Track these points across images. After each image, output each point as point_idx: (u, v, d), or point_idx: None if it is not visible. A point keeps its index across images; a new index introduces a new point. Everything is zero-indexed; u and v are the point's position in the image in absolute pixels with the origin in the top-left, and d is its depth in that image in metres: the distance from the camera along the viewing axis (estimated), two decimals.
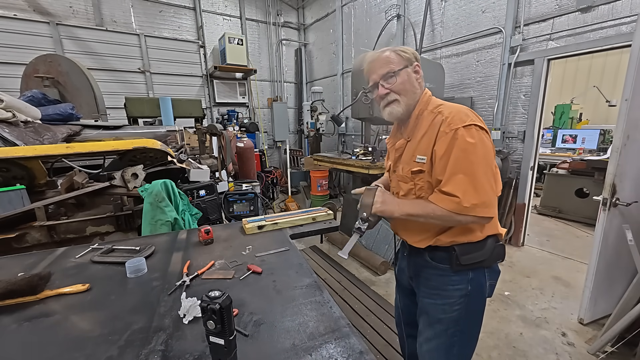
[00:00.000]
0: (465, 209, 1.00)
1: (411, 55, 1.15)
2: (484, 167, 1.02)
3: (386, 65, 1.13)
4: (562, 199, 4.91)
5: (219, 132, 3.22)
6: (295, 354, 0.82)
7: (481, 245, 1.13)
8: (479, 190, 1.00)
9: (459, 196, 1.00)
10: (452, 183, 1.01)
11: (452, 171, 1.02)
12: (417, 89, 1.15)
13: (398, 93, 1.13)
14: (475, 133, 1.01)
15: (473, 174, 1.00)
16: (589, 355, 2.11)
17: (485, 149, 1.02)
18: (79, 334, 0.91)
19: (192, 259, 1.37)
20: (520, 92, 3.71)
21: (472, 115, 1.05)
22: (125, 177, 2.00)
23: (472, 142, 1.00)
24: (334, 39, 6.51)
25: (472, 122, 1.02)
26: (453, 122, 1.03)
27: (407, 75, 1.13)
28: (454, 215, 1.02)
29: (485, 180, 1.01)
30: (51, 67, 3.47)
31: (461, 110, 1.07)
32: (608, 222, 2.16)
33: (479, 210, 1.01)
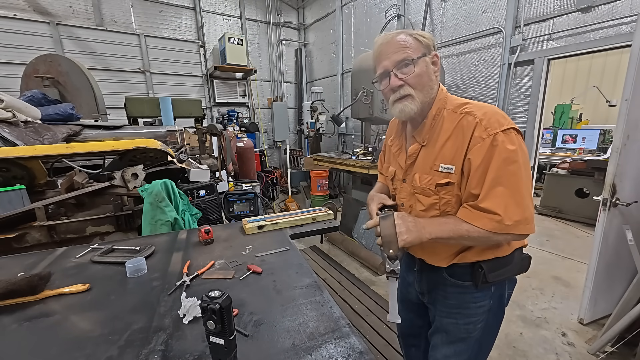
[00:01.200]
0: (507, 228, 0.86)
1: (430, 41, 0.96)
2: (526, 179, 0.88)
3: (402, 51, 0.92)
4: (562, 199, 4.91)
5: (219, 132, 3.22)
6: (295, 354, 0.82)
7: (509, 260, 1.03)
8: (521, 205, 0.87)
9: (500, 214, 0.86)
10: (492, 198, 0.87)
11: (491, 184, 0.87)
12: (435, 84, 0.98)
13: (413, 87, 0.94)
14: (515, 138, 0.87)
15: (515, 187, 0.86)
16: (589, 355, 2.11)
17: (525, 157, 0.89)
18: (79, 334, 0.91)
19: (192, 259, 1.37)
20: (520, 92, 3.71)
21: (508, 118, 0.91)
22: (125, 177, 2.00)
23: (513, 149, 0.85)
24: (334, 39, 6.51)
25: (511, 126, 0.88)
26: (490, 126, 0.87)
27: (425, 65, 0.94)
28: (492, 235, 0.89)
29: (527, 193, 0.88)
30: (51, 67, 3.47)
31: (496, 111, 0.92)
32: (608, 222, 2.16)
33: (521, 227, 0.87)
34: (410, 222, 0.94)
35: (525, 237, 0.94)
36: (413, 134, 1.05)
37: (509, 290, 1.12)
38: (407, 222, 0.94)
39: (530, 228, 0.88)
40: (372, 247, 3.54)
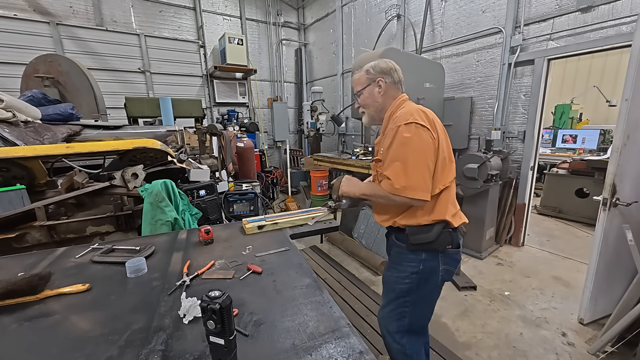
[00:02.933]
0: (397, 190, 1.22)
1: (376, 73, 1.40)
2: (416, 157, 1.22)
3: (356, 86, 1.46)
4: (562, 199, 4.91)
5: (219, 132, 3.22)
6: (295, 354, 0.82)
7: (428, 229, 1.30)
8: (409, 175, 1.21)
9: (391, 179, 1.23)
10: (390, 168, 1.25)
11: (391, 159, 1.25)
12: (379, 101, 1.42)
13: (364, 106, 1.46)
14: (414, 129, 1.22)
15: (405, 162, 1.21)
16: (589, 355, 2.11)
17: (421, 142, 1.22)
18: (79, 334, 0.91)
19: (192, 259, 1.37)
20: (520, 92, 3.71)
21: (417, 115, 1.25)
22: (125, 177, 2.00)
23: (408, 136, 1.21)
24: (334, 38, 6.51)
25: (413, 120, 1.22)
26: (397, 120, 1.27)
27: (368, 92, 1.42)
28: (390, 195, 1.25)
29: (415, 168, 1.21)
30: (51, 67, 3.47)
31: (410, 111, 1.27)
32: (608, 222, 2.16)
33: (408, 192, 1.21)
34: (350, 182, 1.46)
35: (418, 202, 1.25)
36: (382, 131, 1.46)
37: (446, 266, 1.37)
38: (349, 182, 1.46)
39: (416, 194, 1.21)
40: (372, 247, 3.54)
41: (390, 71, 1.40)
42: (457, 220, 1.34)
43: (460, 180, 3.50)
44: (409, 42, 4.93)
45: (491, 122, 3.98)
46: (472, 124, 4.25)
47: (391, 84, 1.41)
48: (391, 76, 1.41)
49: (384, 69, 1.40)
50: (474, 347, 2.24)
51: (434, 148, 1.25)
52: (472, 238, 3.62)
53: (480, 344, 2.26)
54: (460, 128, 4.21)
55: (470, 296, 2.85)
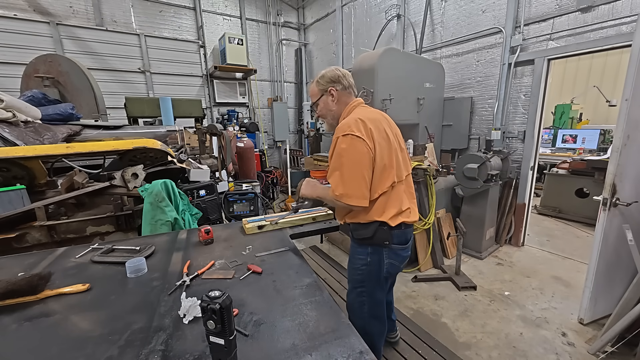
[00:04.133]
0: (337, 197, 1.35)
1: (326, 83, 1.49)
2: (351, 168, 1.32)
3: (311, 98, 1.58)
4: (562, 199, 4.91)
5: (219, 132, 3.22)
6: (296, 354, 0.82)
7: (366, 226, 1.45)
8: (346, 184, 1.32)
9: (332, 187, 1.36)
10: (331, 177, 1.38)
11: (331, 168, 1.39)
12: (333, 109, 1.52)
13: (322, 116, 1.58)
14: (350, 140, 1.31)
15: (342, 172, 1.33)
16: (589, 355, 2.11)
17: (355, 153, 1.31)
18: (79, 334, 0.91)
19: (192, 259, 1.37)
20: (520, 92, 3.71)
21: (354, 127, 1.33)
22: (125, 177, 2.00)
23: (344, 147, 1.32)
24: (334, 38, 6.51)
25: (350, 132, 1.32)
26: (337, 132, 1.37)
27: (323, 102, 1.53)
28: (335, 200, 1.38)
29: (351, 178, 1.32)
30: (51, 67, 3.46)
31: (349, 122, 1.36)
32: (608, 222, 2.16)
33: (345, 199, 1.33)
34: (308, 185, 1.59)
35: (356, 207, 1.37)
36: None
37: (391, 260, 1.50)
38: (308, 184, 1.59)
39: (351, 201, 1.33)
40: None
41: (339, 78, 1.48)
42: (396, 220, 1.42)
43: (460, 180, 3.50)
44: (409, 42, 4.93)
45: (491, 122, 3.98)
46: (472, 124, 4.25)
47: (342, 90, 1.49)
48: (341, 83, 1.48)
49: (332, 78, 1.48)
50: (474, 347, 2.24)
51: (369, 157, 1.33)
52: (472, 238, 3.62)
53: (480, 344, 2.26)
54: (460, 128, 4.21)
55: (470, 296, 2.85)
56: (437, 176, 3.48)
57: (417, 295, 2.89)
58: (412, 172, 2.93)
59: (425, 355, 2.10)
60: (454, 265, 3.18)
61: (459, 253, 3.12)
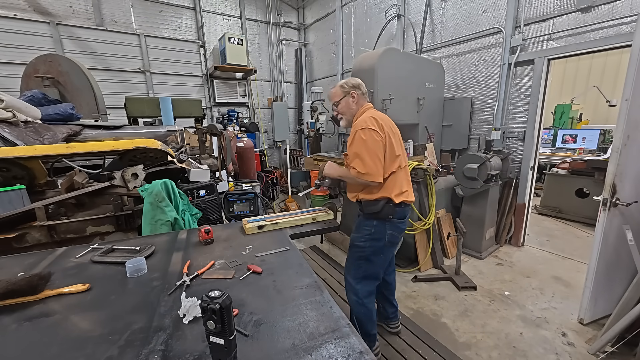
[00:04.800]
0: (360, 175, 1.70)
1: (350, 87, 1.87)
2: (370, 152, 1.69)
3: (333, 98, 1.92)
4: (562, 199, 4.91)
5: (219, 132, 3.22)
6: (295, 354, 0.82)
7: (375, 202, 1.79)
8: (366, 165, 1.69)
9: (356, 168, 1.71)
10: (353, 162, 1.73)
11: (353, 155, 1.74)
12: (353, 108, 1.89)
13: (342, 113, 1.92)
14: (368, 132, 1.69)
15: (363, 157, 1.69)
16: (589, 355, 2.11)
17: (372, 141, 1.69)
18: (79, 334, 0.91)
19: (192, 259, 1.37)
20: (520, 92, 3.71)
21: (369, 122, 1.72)
22: (125, 177, 2.00)
23: (364, 138, 1.69)
24: (334, 38, 6.51)
25: (367, 127, 1.70)
26: (356, 126, 1.75)
27: (345, 102, 1.89)
28: (356, 178, 1.73)
29: (370, 161, 1.69)
30: (51, 67, 3.46)
31: (366, 119, 1.75)
32: (608, 222, 2.16)
33: (366, 177, 1.70)
34: (331, 167, 1.95)
35: (374, 183, 1.73)
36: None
37: (391, 231, 1.85)
38: (330, 166, 1.95)
39: (371, 177, 1.69)
40: None
41: (360, 85, 1.89)
42: (399, 197, 1.80)
43: (460, 180, 3.50)
44: (409, 42, 4.94)
45: (491, 122, 3.98)
46: (472, 124, 4.25)
47: (360, 95, 1.89)
48: (360, 89, 1.89)
49: (354, 84, 1.88)
50: (474, 347, 2.24)
51: (382, 145, 1.73)
52: (472, 238, 3.62)
53: (480, 344, 2.26)
54: (460, 128, 4.21)
55: (470, 296, 2.85)
56: (437, 176, 3.48)
57: (417, 295, 2.89)
58: (412, 172, 3.01)
59: (425, 355, 2.10)
60: (454, 265, 3.18)
61: (459, 253, 3.12)
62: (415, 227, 3.27)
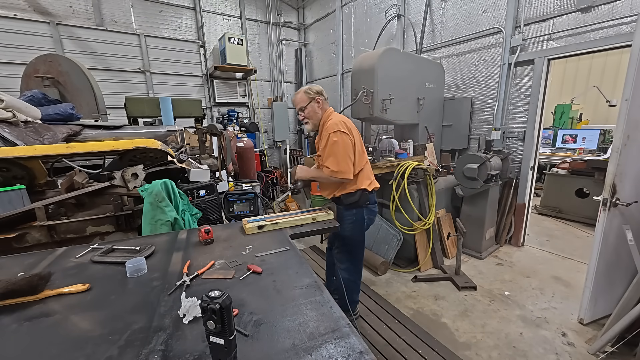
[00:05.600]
0: (334, 173, 1.92)
1: (314, 93, 2.02)
2: (342, 153, 1.91)
3: (299, 103, 2.05)
4: (562, 199, 4.91)
5: (219, 132, 3.22)
6: (295, 354, 0.82)
7: (353, 194, 2.05)
8: (339, 164, 1.91)
9: (329, 167, 1.93)
10: (327, 161, 1.94)
11: (327, 155, 1.95)
12: (319, 113, 2.05)
13: (308, 118, 2.05)
14: (339, 135, 1.90)
15: (336, 157, 1.91)
16: (589, 355, 2.11)
17: (343, 143, 1.91)
18: (79, 334, 0.91)
19: (192, 259, 1.37)
20: (520, 92, 3.71)
21: (340, 126, 1.93)
22: (125, 177, 1.99)
23: (336, 139, 1.90)
24: (334, 38, 6.51)
25: (338, 129, 1.91)
26: (328, 129, 1.94)
27: (311, 107, 2.03)
28: (330, 177, 1.96)
29: (342, 160, 1.91)
30: (51, 67, 3.46)
31: (336, 122, 1.95)
32: (608, 222, 2.16)
33: (340, 175, 1.92)
34: (302, 169, 2.15)
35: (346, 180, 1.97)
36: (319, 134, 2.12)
37: (369, 216, 2.16)
38: (301, 169, 2.16)
39: (343, 175, 1.93)
40: (372, 247, 3.54)
41: (322, 92, 2.05)
42: (371, 186, 2.09)
43: (460, 180, 3.50)
44: (409, 42, 4.94)
45: (491, 122, 3.98)
46: (472, 124, 4.25)
47: (324, 100, 2.06)
48: (323, 95, 2.05)
49: (318, 91, 2.04)
50: (474, 347, 2.24)
51: (352, 145, 1.96)
52: (472, 238, 3.62)
53: (480, 344, 2.26)
54: (460, 128, 4.21)
55: (470, 296, 2.85)
56: (437, 176, 3.48)
57: (417, 295, 2.89)
58: (412, 172, 3.00)
59: (425, 355, 2.10)
60: (454, 265, 3.18)
61: (459, 253, 3.12)
62: (415, 227, 3.27)
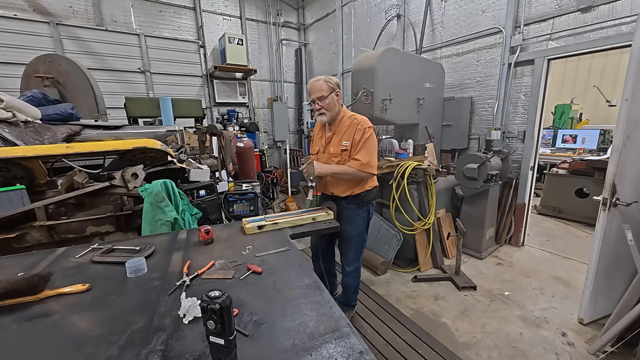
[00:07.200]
0: (363, 166, 1.95)
1: (334, 84, 1.98)
2: (373, 149, 2.00)
3: (320, 91, 1.96)
4: (562, 199, 4.91)
5: (219, 132, 3.22)
6: (295, 354, 0.82)
7: (370, 191, 2.13)
8: (370, 157, 1.97)
9: (360, 160, 1.95)
10: (360, 153, 1.96)
11: (359, 148, 1.97)
12: (337, 106, 2.03)
13: (326, 109, 1.99)
14: (372, 131, 1.99)
15: (367, 151, 1.96)
16: (589, 355, 2.11)
17: (374, 139, 2.00)
18: (79, 334, 0.91)
19: (192, 259, 1.37)
20: (520, 92, 3.71)
21: (369, 122, 2.01)
22: (125, 177, 1.99)
23: (369, 135, 1.97)
24: (334, 38, 6.51)
25: (370, 126, 1.99)
26: (362, 124, 1.98)
27: (331, 99, 1.98)
28: (358, 171, 1.97)
29: (372, 155, 1.99)
30: (51, 67, 3.46)
31: (365, 118, 2.02)
32: (608, 222, 2.16)
33: (368, 168, 1.96)
34: (321, 166, 2.04)
35: (372, 175, 2.05)
36: (330, 128, 2.12)
37: (372, 210, 2.26)
38: (319, 165, 2.04)
39: (373, 169, 2.01)
40: (372, 247, 3.54)
41: (339, 85, 2.02)
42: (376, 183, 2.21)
43: (460, 180, 3.50)
44: (409, 42, 4.94)
45: (491, 122, 3.98)
46: (472, 124, 4.25)
47: (341, 95, 2.04)
48: (340, 89, 2.03)
49: (337, 83, 2.01)
50: (473, 347, 2.24)
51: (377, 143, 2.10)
52: (472, 238, 3.62)
53: (480, 344, 2.26)
54: (460, 128, 4.21)
55: (470, 296, 2.85)
56: (437, 176, 3.48)
57: (417, 295, 2.89)
58: (412, 172, 3.00)
59: (425, 355, 2.10)
60: (454, 265, 3.18)
61: (459, 253, 3.12)
62: (415, 227, 3.27)
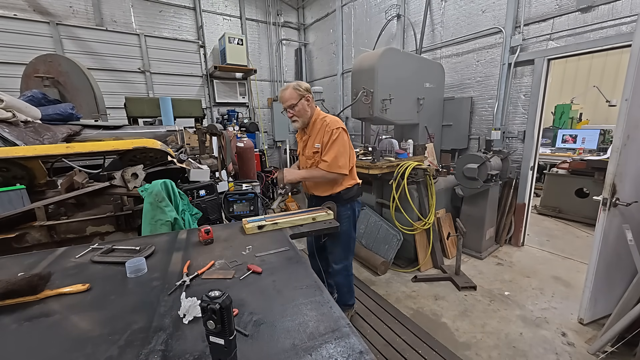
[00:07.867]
0: (329, 166, 1.98)
1: (304, 90, 2.00)
2: (342, 149, 2.00)
3: (289, 100, 2.00)
4: (562, 199, 4.91)
5: (219, 132, 3.21)
6: (295, 354, 0.82)
7: (351, 189, 2.15)
8: (338, 159, 1.98)
9: (327, 160, 1.98)
10: (327, 154, 2.00)
11: (327, 149, 2.00)
12: (308, 111, 2.05)
13: (298, 116, 2.04)
14: (341, 131, 2.00)
15: (336, 152, 1.98)
16: (589, 355, 2.11)
17: (344, 139, 2.02)
18: (79, 334, 0.91)
19: (192, 259, 1.37)
20: (520, 92, 3.71)
21: (339, 123, 2.03)
22: (125, 177, 1.99)
23: (337, 136, 1.98)
24: (334, 38, 6.51)
25: (340, 126, 2.01)
26: (331, 125, 2.00)
27: (301, 105, 2.01)
28: (326, 173, 2.01)
29: (341, 156, 1.99)
30: (51, 67, 3.46)
31: (335, 120, 2.04)
32: (608, 222, 2.16)
33: (335, 168, 1.99)
34: (290, 172, 2.08)
35: (342, 176, 2.05)
36: (306, 132, 2.16)
37: (358, 208, 2.27)
38: (289, 172, 2.08)
39: (341, 170, 2.01)
40: (372, 247, 3.54)
41: (310, 89, 2.05)
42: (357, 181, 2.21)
43: (460, 180, 3.50)
44: (409, 42, 4.94)
45: (491, 122, 3.98)
46: (472, 124, 4.25)
47: (312, 98, 2.06)
48: (311, 93, 2.05)
49: (307, 88, 2.02)
50: (473, 347, 2.24)
51: (349, 142, 2.06)
52: (472, 238, 3.62)
53: (480, 344, 2.26)
54: (460, 128, 4.21)
55: (470, 296, 2.85)
56: (437, 176, 3.48)
57: (417, 295, 2.89)
58: (412, 172, 3.00)
59: (425, 355, 2.10)
60: (454, 265, 3.18)
61: (459, 253, 3.12)
62: (415, 227, 3.27)
